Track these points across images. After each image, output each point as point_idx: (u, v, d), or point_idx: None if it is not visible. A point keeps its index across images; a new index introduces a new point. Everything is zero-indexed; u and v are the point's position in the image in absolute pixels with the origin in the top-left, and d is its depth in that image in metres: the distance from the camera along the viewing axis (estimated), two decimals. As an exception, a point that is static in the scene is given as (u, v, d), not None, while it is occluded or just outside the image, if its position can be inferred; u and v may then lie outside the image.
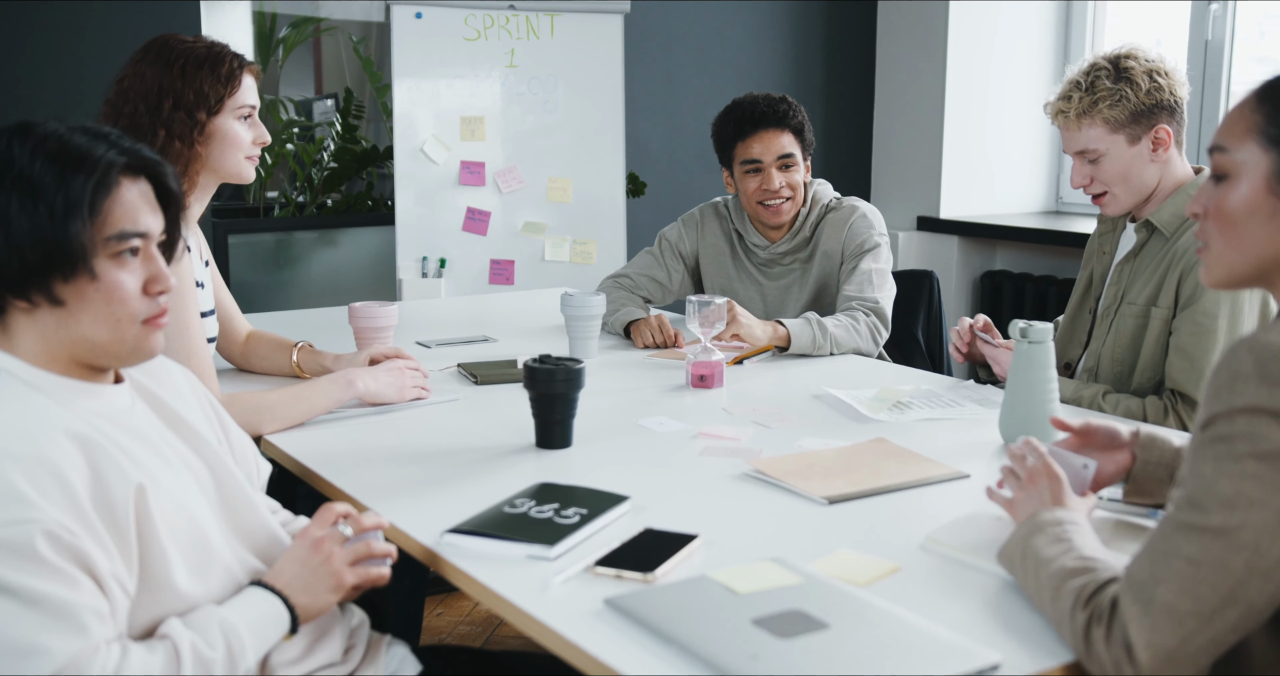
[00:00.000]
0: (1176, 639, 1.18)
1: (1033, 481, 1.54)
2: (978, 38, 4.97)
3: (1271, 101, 1.32)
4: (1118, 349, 2.39)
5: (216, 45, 2.20)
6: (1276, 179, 1.30)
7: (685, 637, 1.28)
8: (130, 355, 1.44)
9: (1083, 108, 2.35)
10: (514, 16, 4.33)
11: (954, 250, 4.98)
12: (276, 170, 5.16)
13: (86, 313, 1.39)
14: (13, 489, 1.25)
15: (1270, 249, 1.32)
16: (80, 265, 1.36)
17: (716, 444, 2.06)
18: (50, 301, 1.37)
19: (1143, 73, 2.33)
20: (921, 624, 1.31)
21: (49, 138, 1.38)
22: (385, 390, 2.24)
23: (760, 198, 2.97)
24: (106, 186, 1.38)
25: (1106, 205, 2.43)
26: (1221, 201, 1.34)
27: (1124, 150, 2.36)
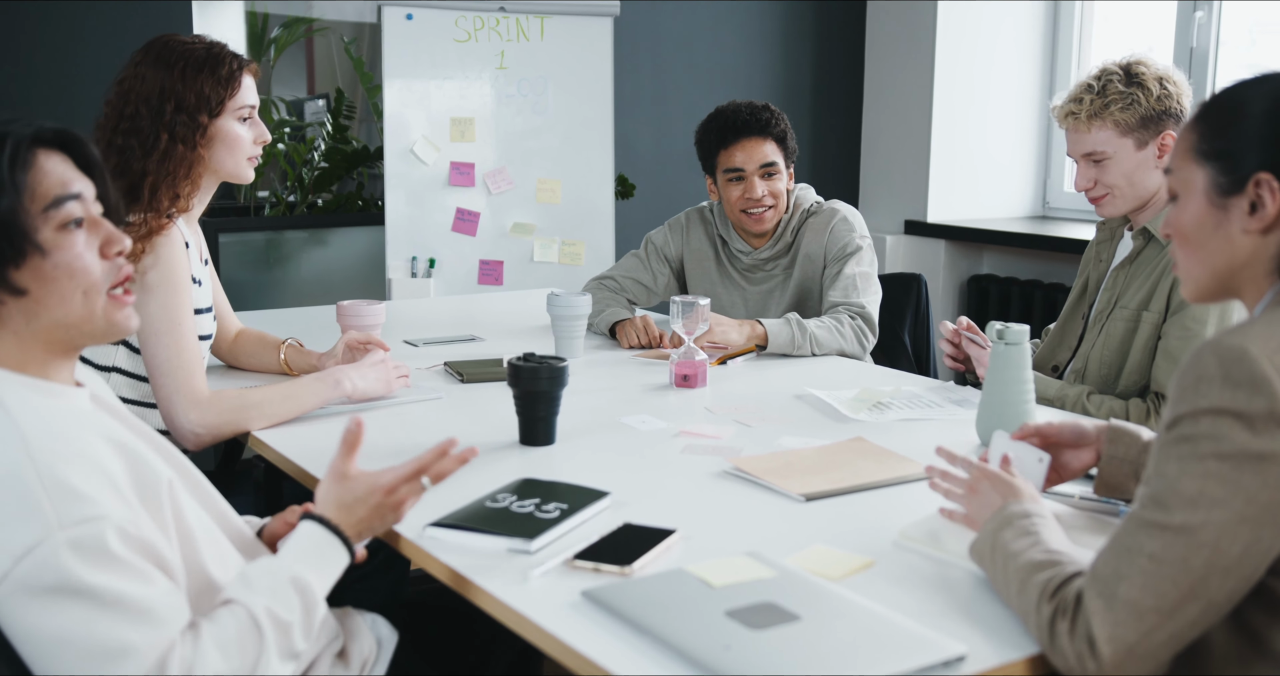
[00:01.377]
0: (1138, 633, 1.21)
1: (974, 488, 1.58)
2: (965, 42, 5.00)
3: (1204, 120, 1.39)
4: (1106, 352, 2.42)
5: (215, 46, 2.23)
6: (1214, 191, 1.36)
7: (659, 628, 1.31)
8: (105, 330, 1.39)
9: (1094, 110, 2.39)
10: (504, 18, 4.36)
11: (941, 254, 5.02)
12: (268, 169, 5.18)
13: (52, 294, 1.34)
14: (70, 488, 1.23)
15: (1224, 258, 1.37)
16: (27, 245, 1.32)
17: (698, 442, 2.09)
18: (11, 293, 1.33)
19: (1153, 79, 2.38)
20: (890, 616, 1.34)
21: None
22: (373, 386, 2.26)
23: (743, 206, 2.99)
24: (24, 160, 1.33)
25: (1105, 206, 2.46)
26: (1175, 220, 1.41)
27: (1131, 154, 2.39)
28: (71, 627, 1.19)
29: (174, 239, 2.12)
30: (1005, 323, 2.06)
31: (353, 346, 2.43)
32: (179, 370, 2.07)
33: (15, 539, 1.20)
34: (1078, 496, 1.76)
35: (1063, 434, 1.71)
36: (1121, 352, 2.40)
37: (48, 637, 1.20)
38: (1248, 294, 1.38)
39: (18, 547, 1.19)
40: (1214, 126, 1.37)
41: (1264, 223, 1.32)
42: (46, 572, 1.19)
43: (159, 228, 2.09)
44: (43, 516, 1.20)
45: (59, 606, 1.19)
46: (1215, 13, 4.45)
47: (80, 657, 1.20)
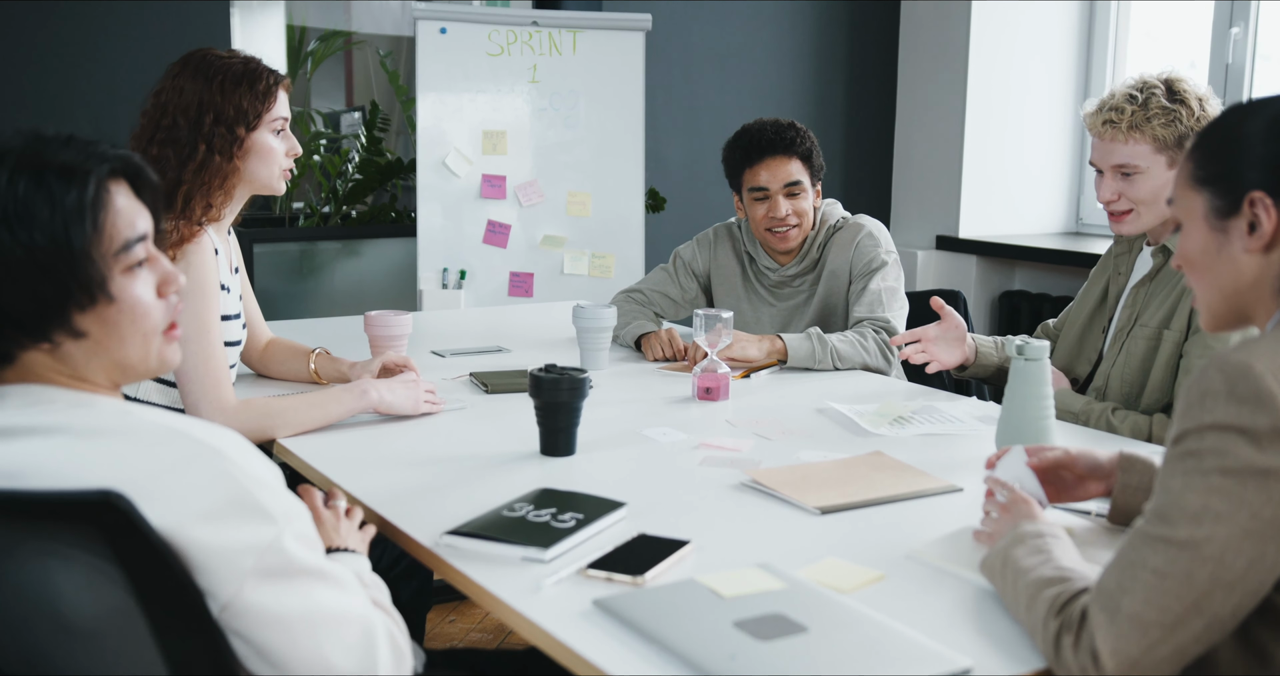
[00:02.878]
0: (1141, 648, 1.22)
1: (1007, 510, 1.60)
2: (998, 59, 5.00)
3: (1200, 148, 1.41)
4: (1128, 370, 2.41)
5: (252, 60, 2.27)
6: (1212, 215, 1.38)
7: (667, 638, 1.32)
8: (155, 368, 1.38)
9: (1135, 121, 2.35)
10: (537, 33, 4.40)
11: (973, 270, 5.01)
12: (303, 181, 5.24)
13: (113, 336, 1.32)
14: (271, 486, 1.30)
15: (1230, 281, 1.38)
16: (98, 291, 1.29)
17: (716, 454, 2.11)
18: (72, 336, 1.30)
19: (1195, 99, 2.35)
20: (898, 628, 1.35)
21: (25, 158, 1.27)
22: (401, 402, 2.28)
23: (768, 225, 3.01)
24: (101, 200, 1.29)
25: (1126, 223, 2.42)
26: (1181, 249, 1.44)
27: (1162, 172, 2.36)
28: (303, 603, 1.30)
29: (204, 246, 2.16)
30: (1025, 338, 2.07)
31: (389, 367, 2.46)
32: (206, 377, 2.10)
33: (255, 536, 1.27)
34: (1094, 512, 1.77)
35: (1078, 464, 1.72)
36: (1143, 371, 2.39)
37: (287, 616, 1.29)
38: (1258, 315, 1.39)
39: (260, 543, 1.27)
40: (1207, 153, 1.40)
41: (1263, 241, 1.34)
42: (279, 560, 1.28)
43: (190, 235, 2.14)
44: (271, 514, 1.28)
45: (290, 587, 1.29)
46: (1251, 29, 4.43)
47: (313, 627, 1.30)
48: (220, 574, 1.25)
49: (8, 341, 1.29)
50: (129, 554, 1.22)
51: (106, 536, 1.21)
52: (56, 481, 1.24)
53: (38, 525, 1.22)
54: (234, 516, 1.26)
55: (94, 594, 1.23)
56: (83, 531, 1.22)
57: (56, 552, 1.22)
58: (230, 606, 1.26)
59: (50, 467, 1.25)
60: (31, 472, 1.25)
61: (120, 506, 1.20)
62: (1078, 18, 5.06)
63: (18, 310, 1.26)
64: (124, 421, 1.29)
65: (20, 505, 1.22)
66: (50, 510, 1.22)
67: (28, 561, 1.22)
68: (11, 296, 1.25)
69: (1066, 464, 1.73)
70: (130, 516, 1.20)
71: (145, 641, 1.25)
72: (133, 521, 1.20)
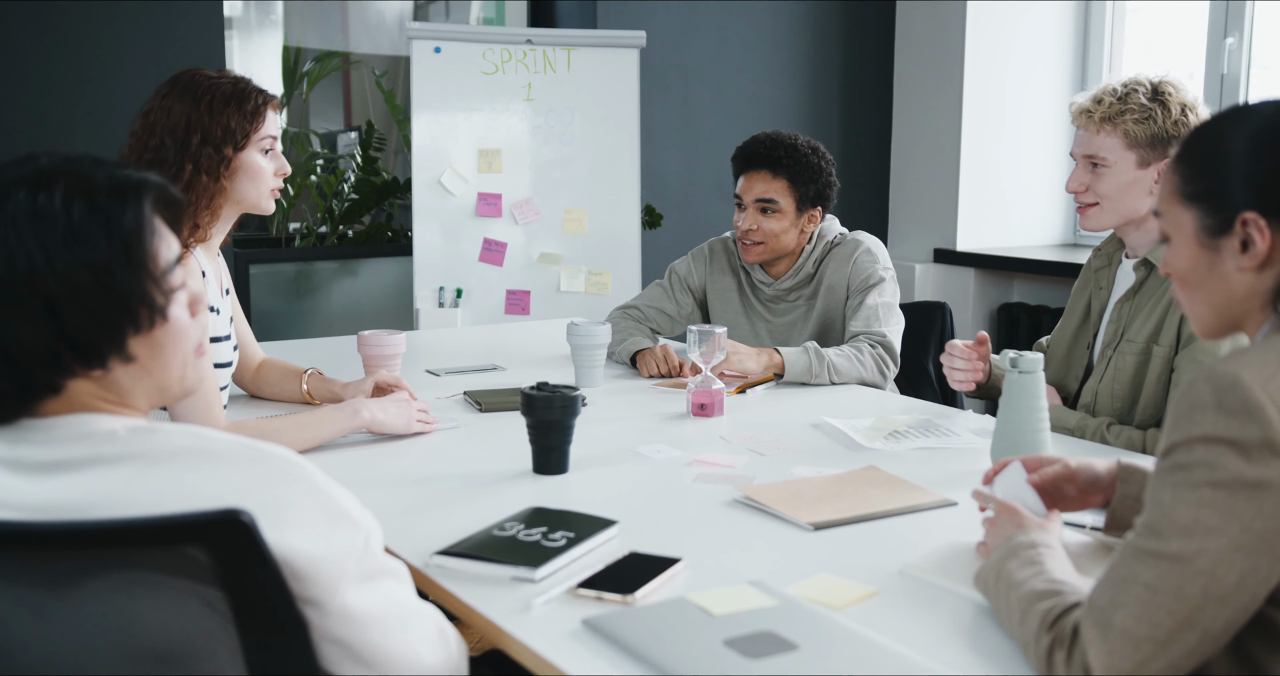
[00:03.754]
0: (1133, 663, 1.21)
1: (994, 523, 1.59)
2: (993, 71, 5.01)
3: (1185, 162, 1.39)
4: (1117, 386, 2.39)
5: (241, 80, 2.27)
6: (1202, 233, 1.36)
7: (656, 657, 1.31)
8: (188, 389, 1.35)
9: (1110, 113, 2.35)
10: (531, 51, 4.40)
11: (971, 282, 5.01)
12: (299, 201, 5.25)
13: (157, 360, 1.29)
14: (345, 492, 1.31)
15: (1222, 296, 1.37)
16: (157, 313, 1.26)
17: (710, 471, 2.10)
18: (124, 360, 1.26)
19: (1177, 103, 2.35)
20: (889, 645, 1.34)
21: (73, 178, 1.24)
22: (393, 421, 2.27)
23: (738, 235, 3.03)
24: (150, 221, 1.27)
25: (1089, 217, 2.43)
26: (1170, 263, 1.42)
27: (1130, 169, 2.36)
28: (393, 601, 1.33)
29: (191, 268, 2.16)
30: (1019, 351, 2.06)
31: (382, 387, 2.45)
32: (197, 399, 2.10)
33: (350, 541, 1.28)
34: (1089, 526, 1.75)
35: (1079, 477, 1.70)
36: (1134, 387, 2.37)
37: (383, 615, 1.31)
38: (1249, 326, 1.38)
39: (355, 547, 1.29)
40: (1195, 168, 1.38)
41: (1256, 261, 1.32)
42: (370, 561, 1.30)
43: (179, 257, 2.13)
44: (355, 519, 1.29)
45: (380, 587, 1.31)
46: (1246, 39, 4.44)
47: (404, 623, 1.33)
48: (324, 582, 1.26)
49: (64, 371, 1.24)
50: (237, 573, 1.20)
51: (216, 557, 1.19)
52: (133, 510, 1.20)
53: (126, 552, 1.19)
54: (331, 524, 1.27)
55: (184, 619, 1.21)
56: (182, 554, 1.19)
57: (144, 581, 1.20)
58: (333, 613, 1.27)
59: (124, 495, 1.21)
60: (103, 504, 1.21)
61: (245, 523, 1.18)
62: (1073, 29, 5.07)
63: (82, 336, 1.22)
64: (197, 443, 1.26)
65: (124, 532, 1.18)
66: (157, 534, 1.18)
67: (113, 593, 1.20)
68: (78, 322, 1.21)
69: (1068, 477, 1.71)
70: (251, 533, 1.18)
71: (234, 659, 1.24)
72: (253, 538, 1.19)
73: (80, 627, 1.21)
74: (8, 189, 1.22)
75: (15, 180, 1.23)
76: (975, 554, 1.64)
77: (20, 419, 1.25)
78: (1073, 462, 1.71)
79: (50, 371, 1.23)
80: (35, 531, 1.18)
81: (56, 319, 1.20)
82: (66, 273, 1.20)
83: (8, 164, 1.26)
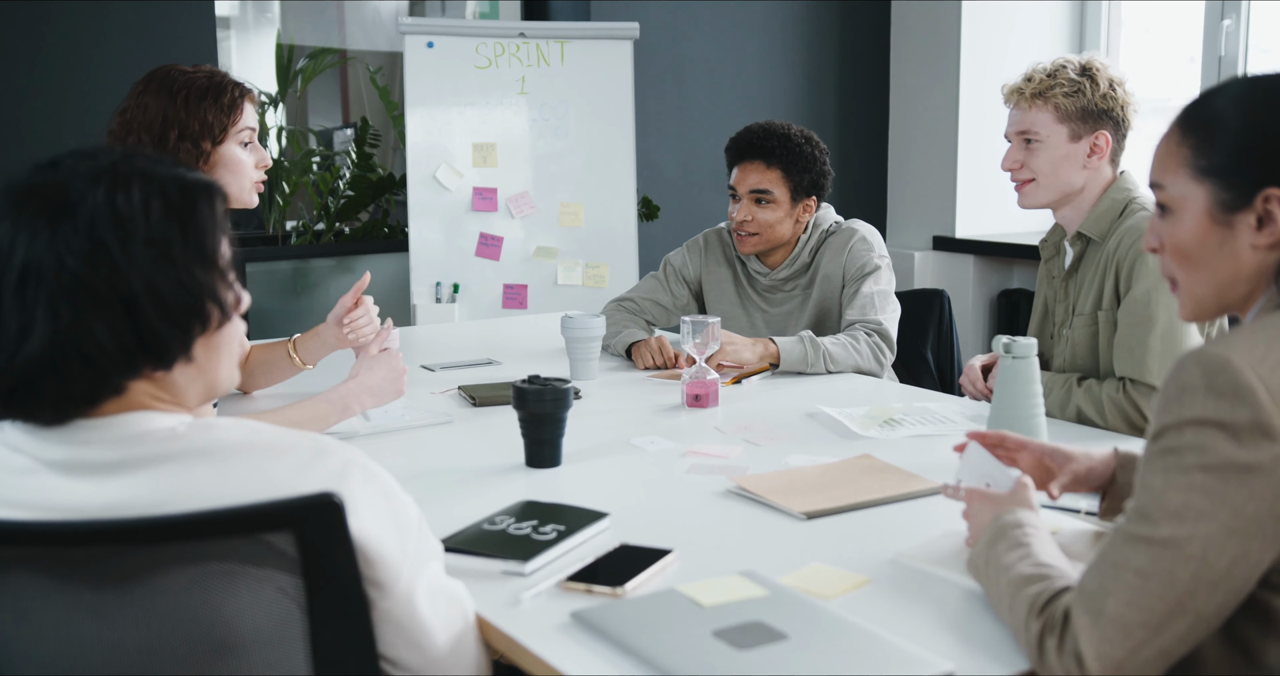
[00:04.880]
0: (1125, 649, 1.19)
1: (969, 515, 1.58)
2: (991, 58, 4.98)
3: (1195, 132, 1.35)
4: (1076, 359, 2.42)
5: (217, 74, 2.26)
6: (1216, 208, 1.32)
7: (645, 649, 1.30)
8: (229, 389, 1.35)
9: (1039, 89, 2.40)
10: (524, 44, 4.39)
11: (970, 269, 4.99)
12: (295, 199, 5.24)
13: (213, 359, 1.29)
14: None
15: (1229, 274, 1.34)
16: (224, 314, 1.27)
17: (704, 461, 2.09)
18: (187, 360, 1.25)
19: (1105, 77, 2.40)
20: (880, 634, 1.33)
21: (145, 177, 1.23)
22: (382, 388, 2.23)
23: (733, 226, 3.01)
24: (220, 220, 1.27)
25: (1026, 194, 2.47)
26: (1172, 237, 1.37)
27: (1062, 143, 2.40)
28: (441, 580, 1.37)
29: None
30: (1012, 336, 2.05)
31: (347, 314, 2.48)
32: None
33: (408, 521, 1.32)
34: (1083, 510, 1.74)
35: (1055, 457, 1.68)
36: (1091, 357, 2.40)
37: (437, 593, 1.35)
38: (1247, 305, 1.36)
39: (413, 528, 1.33)
40: (1208, 140, 1.33)
41: (1274, 238, 1.29)
42: (425, 542, 1.35)
43: None
44: (407, 500, 1.33)
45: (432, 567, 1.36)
46: (1244, 21, 4.41)
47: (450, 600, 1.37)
48: (391, 564, 1.28)
49: (134, 372, 1.22)
50: (320, 558, 1.22)
51: (303, 543, 1.20)
52: (204, 503, 1.19)
53: (201, 545, 1.19)
54: (391, 507, 1.29)
55: (257, 608, 1.21)
56: (262, 543, 1.20)
57: (222, 572, 1.20)
58: (398, 594, 1.30)
59: (191, 490, 1.21)
60: (172, 500, 1.20)
61: (337, 504, 1.20)
62: (1071, 12, 5.05)
63: (156, 337, 1.21)
64: (255, 436, 1.26)
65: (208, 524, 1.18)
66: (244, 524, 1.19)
67: (189, 587, 1.20)
68: (154, 323, 1.20)
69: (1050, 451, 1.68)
70: (341, 515, 1.20)
71: (297, 648, 1.24)
72: (341, 521, 1.21)
73: (149, 625, 1.20)
74: (82, 189, 1.20)
75: (88, 179, 1.21)
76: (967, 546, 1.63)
77: (76, 420, 1.23)
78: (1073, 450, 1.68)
79: (122, 372, 1.22)
80: (112, 528, 1.18)
81: (135, 319, 1.20)
82: (148, 273, 1.19)
83: (60, 159, 1.24)
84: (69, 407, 1.22)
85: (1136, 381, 2.25)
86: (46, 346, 1.18)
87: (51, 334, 1.18)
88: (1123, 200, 2.39)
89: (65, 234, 1.18)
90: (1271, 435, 1.17)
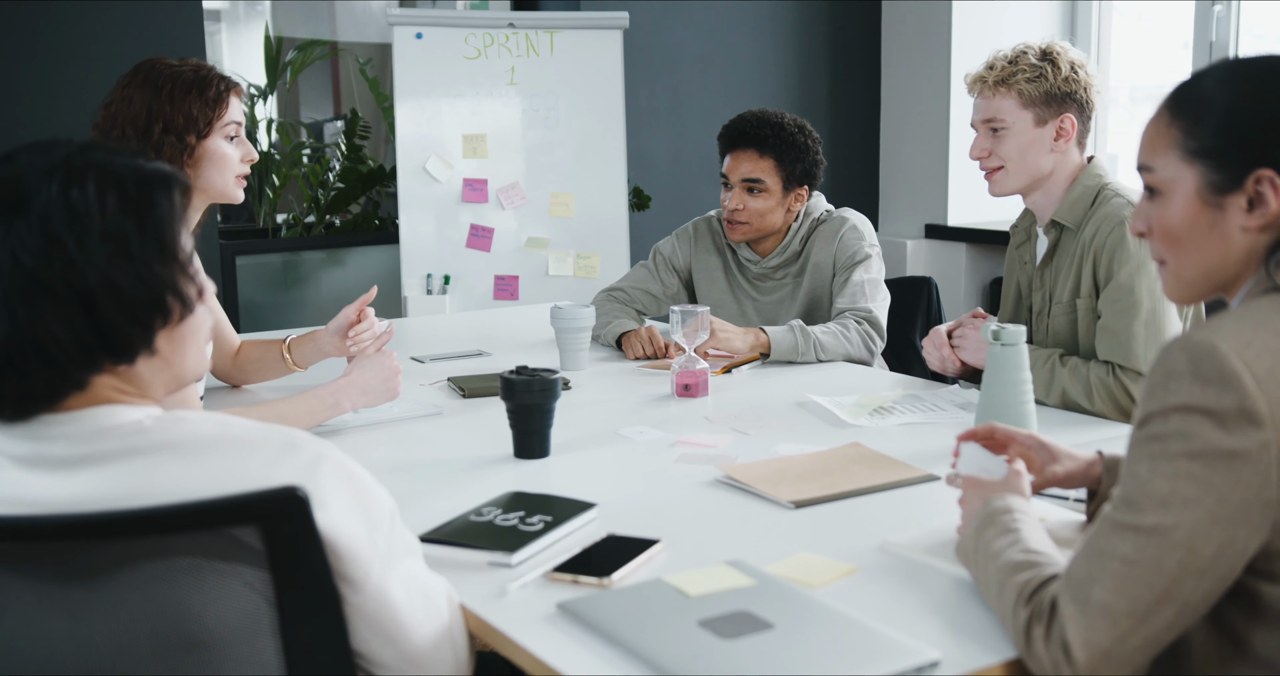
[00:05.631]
0: (1112, 638, 1.19)
1: (964, 501, 1.57)
2: (982, 46, 4.96)
3: (1186, 114, 1.33)
4: (1057, 348, 2.40)
5: (203, 67, 2.24)
6: (1207, 190, 1.31)
7: (630, 639, 1.29)
8: (196, 379, 1.34)
9: (1002, 76, 2.40)
10: (513, 35, 4.37)
11: (962, 257, 4.99)
12: (285, 191, 5.22)
13: (178, 351, 1.27)
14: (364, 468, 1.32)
15: (1219, 257, 1.33)
16: (186, 306, 1.25)
17: (693, 451, 2.08)
18: (150, 352, 1.24)
19: (1066, 61, 2.40)
20: (866, 623, 1.32)
21: (101, 170, 1.21)
22: (375, 387, 2.23)
23: (724, 214, 3.00)
24: (179, 212, 1.25)
25: (997, 182, 2.47)
26: (1161, 219, 1.36)
27: (1029, 128, 2.40)
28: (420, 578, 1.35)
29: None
30: (1001, 323, 2.04)
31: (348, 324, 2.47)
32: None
33: (379, 516, 1.30)
34: (1072, 497, 1.74)
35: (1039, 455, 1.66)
36: (1071, 347, 2.39)
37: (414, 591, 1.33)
38: (1234, 288, 1.35)
39: (385, 524, 1.30)
40: (1199, 122, 1.32)
41: (1265, 220, 1.28)
42: (398, 538, 1.33)
43: None
44: (380, 495, 1.32)
45: (408, 564, 1.34)
46: (1235, 7, 4.40)
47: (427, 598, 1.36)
48: (361, 559, 1.26)
49: (95, 367, 1.21)
50: (287, 552, 1.20)
51: (269, 537, 1.19)
52: (169, 497, 1.18)
53: (167, 540, 1.18)
54: (362, 502, 1.28)
55: (225, 603, 1.20)
56: (228, 537, 1.19)
57: (188, 567, 1.19)
58: (369, 590, 1.28)
59: (159, 484, 1.19)
60: (137, 494, 1.19)
61: (302, 498, 1.18)
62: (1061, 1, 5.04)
63: (116, 331, 1.20)
64: (225, 430, 1.25)
65: (172, 518, 1.16)
66: (209, 518, 1.17)
67: (154, 582, 1.18)
68: (113, 317, 1.19)
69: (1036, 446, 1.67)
70: (306, 509, 1.19)
71: (268, 643, 1.23)
72: (307, 515, 1.19)
73: (117, 620, 1.19)
74: (36, 184, 1.18)
75: (43, 173, 1.19)
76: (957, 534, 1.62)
77: (40, 415, 1.22)
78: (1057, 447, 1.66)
79: (82, 368, 1.21)
80: (77, 522, 1.16)
81: (92, 315, 1.19)
82: (105, 267, 1.18)
83: (15, 153, 1.22)
84: (30, 404, 1.21)
85: (1125, 367, 2.25)
86: (3, 345, 1.17)
87: (8, 332, 1.17)
88: (1094, 186, 2.39)
89: (19, 230, 1.17)
90: (1257, 421, 1.17)
